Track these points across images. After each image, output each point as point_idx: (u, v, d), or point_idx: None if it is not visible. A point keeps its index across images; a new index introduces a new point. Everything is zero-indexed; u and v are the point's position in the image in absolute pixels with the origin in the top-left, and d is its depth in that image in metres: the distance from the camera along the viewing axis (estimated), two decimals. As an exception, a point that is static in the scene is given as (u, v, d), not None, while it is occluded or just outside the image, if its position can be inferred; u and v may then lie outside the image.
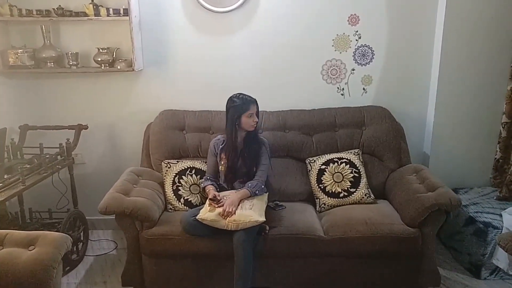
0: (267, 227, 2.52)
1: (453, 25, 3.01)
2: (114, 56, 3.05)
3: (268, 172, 2.72)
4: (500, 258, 2.67)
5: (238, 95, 2.66)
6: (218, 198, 2.54)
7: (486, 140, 3.23)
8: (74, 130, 3.02)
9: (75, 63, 3.05)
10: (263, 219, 2.44)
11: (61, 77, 3.17)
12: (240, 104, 2.61)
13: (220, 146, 2.71)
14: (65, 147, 2.92)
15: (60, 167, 2.85)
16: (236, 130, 2.64)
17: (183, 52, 3.15)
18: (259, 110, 2.70)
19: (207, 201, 2.55)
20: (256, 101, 2.67)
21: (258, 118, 2.68)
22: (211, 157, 2.76)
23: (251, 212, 2.44)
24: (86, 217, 3.12)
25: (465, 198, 3.03)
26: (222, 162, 2.69)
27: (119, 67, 3.04)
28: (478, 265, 2.78)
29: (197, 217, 2.43)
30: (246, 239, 2.39)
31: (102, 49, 3.01)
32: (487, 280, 2.78)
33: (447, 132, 3.21)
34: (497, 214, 2.80)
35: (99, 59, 3.02)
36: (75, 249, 2.97)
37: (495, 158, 3.20)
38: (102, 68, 3.05)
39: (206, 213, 2.45)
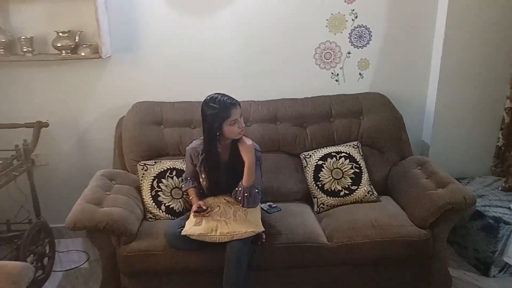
0: (263, 235, 2.24)
1: (457, 5, 2.80)
2: (76, 40, 2.69)
3: (259, 184, 2.29)
4: (512, 255, 2.52)
5: (215, 97, 2.15)
6: (204, 207, 2.21)
7: (488, 127, 3.08)
8: (32, 129, 2.64)
9: (30, 49, 2.67)
10: (261, 228, 2.16)
11: (13, 66, 2.79)
12: (219, 111, 2.12)
13: (200, 158, 2.27)
14: (22, 149, 2.55)
15: (17, 173, 2.46)
16: (217, 142, 2.21)
17: (158, 35, 2.83)
18: (247, 100, 2.35)
19: (192, 213, 2.22)
20: (238, 103, 2.18)
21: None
22: (189, 164, 2.37)
23: (247, 222, 2.15)
24: (52, 225, 2.76)
25: (469, 190, 2.85)
26: (204, 176, 2.29)
27: (83, 54, 2.69)
28: (487, 262, 2.62)
29: (182, 233, 2.12)
30: (241, 248, 2.10)
31: (62, 32, 2.65)
32: (496, 277, 2.63)
33: (449, 119, 3.03)
34: (505, 207, 2.64)
35: (59, 45, 2.66)
36: (40, 265, 2.60)
37: (497, 145, 3.07)
38: (63, 55, 2.69)
39: (192, 227, 2.13)
